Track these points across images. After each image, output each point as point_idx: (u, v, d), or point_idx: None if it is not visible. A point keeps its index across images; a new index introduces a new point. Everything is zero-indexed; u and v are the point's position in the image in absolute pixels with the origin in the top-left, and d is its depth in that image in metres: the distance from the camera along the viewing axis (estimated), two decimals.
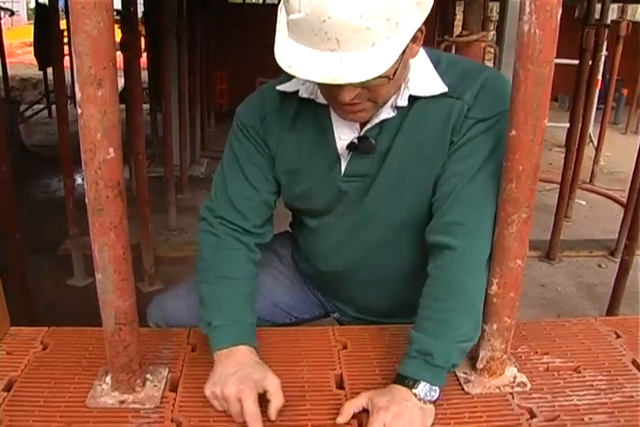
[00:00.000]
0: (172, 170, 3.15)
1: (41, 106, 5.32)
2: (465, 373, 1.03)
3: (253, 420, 0.88)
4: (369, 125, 1.01)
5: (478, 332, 0.98)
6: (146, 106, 3.98)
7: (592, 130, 4.42)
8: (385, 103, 0.98)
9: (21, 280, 2.00)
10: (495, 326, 0.98)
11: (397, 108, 0.99)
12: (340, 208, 1.09)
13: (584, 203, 3.88)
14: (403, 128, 1.00)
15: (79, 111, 0.82)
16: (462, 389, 1.00)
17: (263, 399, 0.92)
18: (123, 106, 2.75)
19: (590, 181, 4.28)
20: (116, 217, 0.86)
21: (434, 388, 0.93)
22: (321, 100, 1.00)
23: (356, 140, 1.02)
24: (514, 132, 0.89)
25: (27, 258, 2.04)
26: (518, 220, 0.93)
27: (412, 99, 0.99)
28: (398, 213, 1.05)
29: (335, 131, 1.03)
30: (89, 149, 0.83)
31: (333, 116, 1.03)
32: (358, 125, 1.02)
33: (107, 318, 0.91)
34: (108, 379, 0.98)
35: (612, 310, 2.38)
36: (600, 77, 4.39)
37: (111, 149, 0.83)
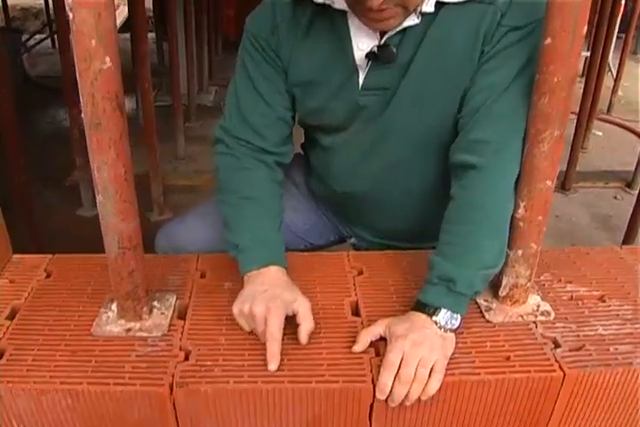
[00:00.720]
0: (180, 98, 3.06)
1: (43, 36, 5.15)
2: (486, 300, 0.99)
3: (272, 340, 0.84)
4: (390, 33, 0.92)
5: (503, 258, 0.93)
6: (151, 35, 3.86)
7: (611, 59, 4.23)
8: (415, 9, 0.89)
9: (28, 211, 1.95)
10: (520, 251, 0.93)
11: (422, 14, 0.90)
12: (357, 124, 1.03)
13: (600, 133, 3.75)
14: (427, 36, 0.91)
15: (70, 16, 0.74)
16: (483, 317, 0.96)
17: (291, 322, 0.89)
18: (127, 35, 2.68)
19: (608, 111, 4.13)
20: (116, 132, 0.79)
21: (455, 316, 0.88)
22: (338, 5, 0.91)
23: (375, 49, 0.93)
24: (549, 40, 0.80)
25: (33, 188, 2.00)
26: (550, 137, 0.85)
27: (439, 4, 0.90)
28: (420, 129, 0.98)
29: (353, 39, 0.94)
30: (83, 58, 0.75)
31: (352, 23, 0.94)
32: (378, 34, 0.94)
33: (110, 242, 0.86)
34: (114, 307, 0.94)
35: (627, 241, 2.31)
36: (623, 3, 4.16)
37: (107, 58, 0.75)
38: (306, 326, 0.87)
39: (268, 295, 0.88)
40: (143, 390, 0.80)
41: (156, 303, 0.96)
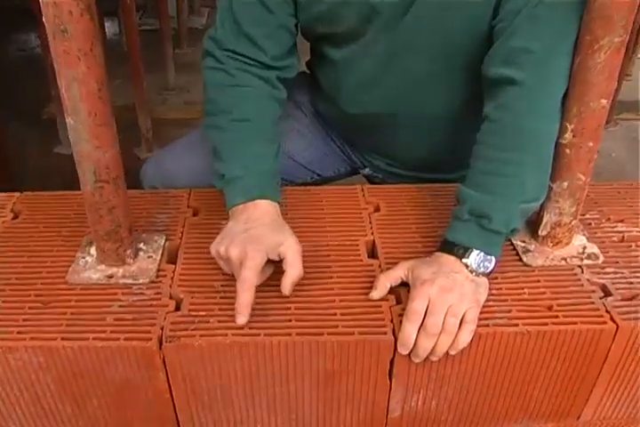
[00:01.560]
0: (168, 21, 2.92)
1: None
2: (523, 241, 0.94)
3: (242, 289, 0.78)
4: None
5: (545, 191, 0.87)
6: None
7: None
8: None
9: (0, 148, 1.89)
10: (565, 184, 0.87)
11: None
12: (371, 32, 0.95)
13: None
14: None
15: None
16: (521, 260, 0.91)
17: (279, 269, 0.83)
18: None
19: None
20: (86, 42, 0.70)
21: (488, 258, 0.83)
22: None
23: None
24: None
25: (5, 123, 1.94)
26: (609, 45, 0.77)
27: None
28: (446, 38, 0.91)
29: None
30: None
31: None
32: None
33: (84, 174, 0.79)
34: (93, 250, 0.89)
35: None
36: None
37: None
38: (291, 273, 0.81)
39: (249, 236, 0.83)
40: (128, 345, 0.76)
41: (141, 245, 0.92)
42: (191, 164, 1.09)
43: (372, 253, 0.93)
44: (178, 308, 0.82)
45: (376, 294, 0.83)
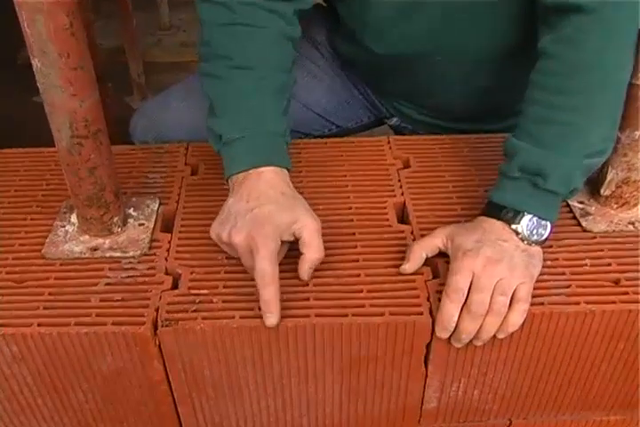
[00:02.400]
0: None
1: None
2: (582, 202, 0.91)
3: (265, 283, 0.75)
4: None
5: (612, 142, 0.82)
6: None
7: None
8: None
9: None
10: (637, 134, 0.82)
11: None
12: None
13: None
14: None
15: None
16: (579, 224, 0.88)
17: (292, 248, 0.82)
18: None
19: None
20: None
21: (543, 223, 0.78)
22: None
23: None
24: None
25: None
26: None
27: None
28: None
29: None
30: None
31: None
32: None
33: (59, 129, 0.74)
34: (74, 218, 0.87)
35: None
36: None
37: None
38: (309, 256, 0.78)
39: (255, 217, 0.79)
40: (117, 330, 0.74)
41: (131, 211, 0.90)
42: (189, 114, 1.07)
43: (403, 218, 0.91)
44: (175, 285, 0.80)
45: (409, 266, 0.80)
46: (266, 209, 0.79)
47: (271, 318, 0.73)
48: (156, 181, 0.97)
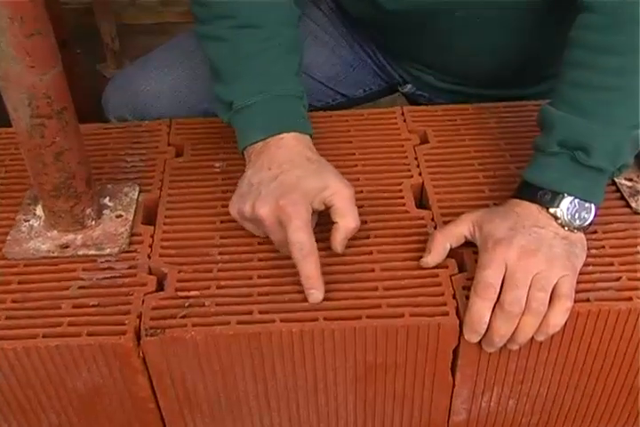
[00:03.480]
0: None
1: None
2: (630, 179, 0.90)
3: (304, 255, 0.76)
4: None
5: None
6: None
7: None
8: None
9: None
10: None
11: None
12: None
13: None
14: None
15: None
16: (628, 205, 0.87)
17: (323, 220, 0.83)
18: None
19: None
20: None
21: (586, 206, 0.77)
22: None
23: None
24: None
25: None
26: None
27: None
28: None
29: None
30: None
31: None
32: None
33: (16, 107, 0.73)
34: (39, 210, 0.86)
35: None
36: None
37: None
38: (345, 224, 0.79)
39: (281, 184, 0.80)
40: (93, 342, 0.72)
41: (106, 201, 0.89)
42: (173, 84, 1.07)
43: (421, 202, 0.91)
44: (161, 287, 0.79)
45: (431, 258, 0.79)
46: (292, 175, 0.80)
47: (316, 294, 0.74)
48: (135, 165, 0.96)
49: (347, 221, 0.79)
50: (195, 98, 1.05)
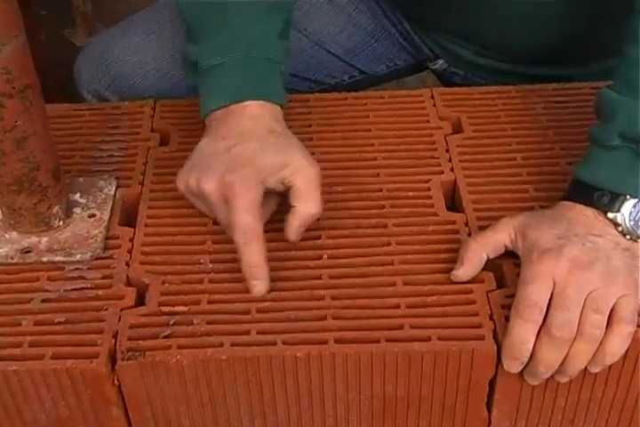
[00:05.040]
0: None
1: None
2: None
3: (246, 240, 0.77)
4: None
5: None
6: None
7: None
8: None
9: None
10: None
11: None
12: None
13: None
14: None
15: None
16: None
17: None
18: None
19: None
20: None
21: None
22: None
23: None
24: None
25: None
26: None
27: None
28: None
29: None
30: None
31: None
32: None
33: None
34: None
35: None
36: None
37: None
38: (302, 209, 0.80)
39: (233, 157, 0.82)
40: (59, 366, 0.71)
41: (77, 198, 0.89)
42: (156, 53, 1.09)
43: (453, 203, 0.91)
44: (141, 301, 0.79)
45: (464, 271, 0.78)
46: (248, 147, 0.82)
47: (259, 286, 0.75)
48: (112, 155, 0.96)
49: (306, 207, 0.80)
50: (179, 70, 1.05)
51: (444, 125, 0.99)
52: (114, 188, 0.91)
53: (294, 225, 0.80)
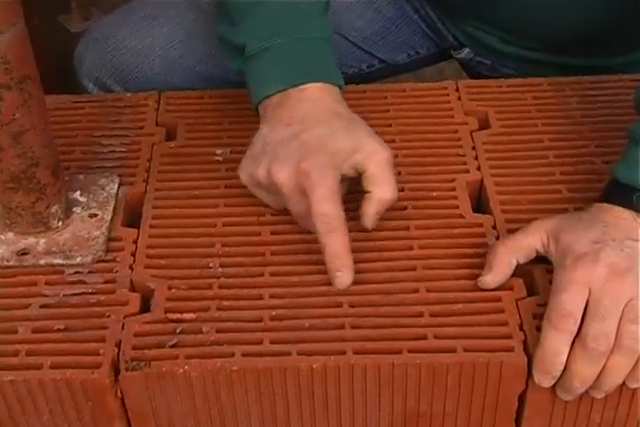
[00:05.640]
0: None
1: None
2: None
3: (329, 229, 0.77)
4: None
5: None
6: None
7: None
8: None
9: None
10: None
11: None
12: None
13: None
14: None
15: None
16: None
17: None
18: None
19: None
20: None
21: None
22: None
23: None
24: None
25: None
26: None
27: None
28: None
29: None
30: None
31: None
32: None
33: None
34: None
35: None
36: None
37: None
38: (379, 195, 0.81)
39: (303, 144, 0.81)
40: (58, 376, 0.71)
41: (78, 196, 0.89)
42: (164, 39, 1.10)
43: (480, 204, 0.91)
44: (146, 307, 0.79)
45: (492, 277, 0.78)
46: (317, 133, 0.82)
47: (344, 277, 0.76)
48: (114, 151, 0.96)
49: (382, 191, 0.80)
50: (193, 57, 1.06)
51: (469, 121, 0.99)
52: (116, 186, 0.91)
53: (371, 212, 0.80)
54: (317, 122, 0.84)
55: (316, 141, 0.81)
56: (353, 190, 0.84)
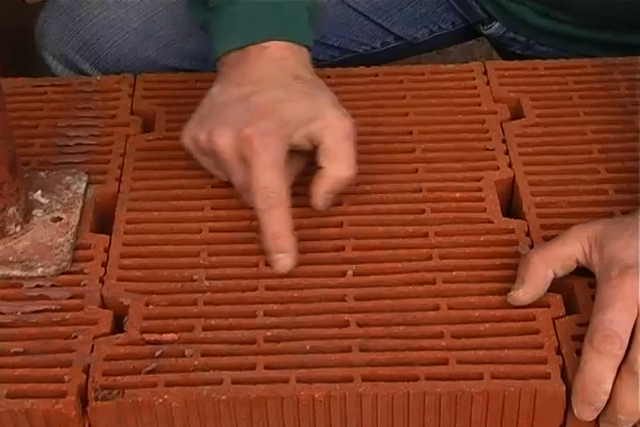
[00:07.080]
0: None
1: None
2: None
3: (270, 205, 0.80)
4: None
5: None
6: None
7: None
8: None
9: None
10: None
11: None
12: None
13: None
14: None
15: None
16: None
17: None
18: None
19: None
20: None
21: None
22: None
23: None
24: None
25: None
26: None
27: None
28: None
29: None
30: None
31: None
32: None
33: None
34: None
35: None
36: None
37: None
38: (332, 171, 0.83)
39: (252, 106, 0.84)
40: (16, 408, 0.71)
41: (39, 196, 0.90)
42: (141, 9, 1.13)
43: (511, 206, 0.93)
44: (119, 327, 0.79)
45: (524, 292, 0.78)
46: (269, 95, 0.84)
47: (285, 259, 0.79)
48: (82, 143, 0.97)
49: (336, 168, 0.82)
50: (174, 30, 1.07)
51: (500, 109, 0.99)
52: (84, 185, 0.91)
53: (322, 190, 0.83)
54: (273, 84, 0.86)
55: (267, 105, 0.83)
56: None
